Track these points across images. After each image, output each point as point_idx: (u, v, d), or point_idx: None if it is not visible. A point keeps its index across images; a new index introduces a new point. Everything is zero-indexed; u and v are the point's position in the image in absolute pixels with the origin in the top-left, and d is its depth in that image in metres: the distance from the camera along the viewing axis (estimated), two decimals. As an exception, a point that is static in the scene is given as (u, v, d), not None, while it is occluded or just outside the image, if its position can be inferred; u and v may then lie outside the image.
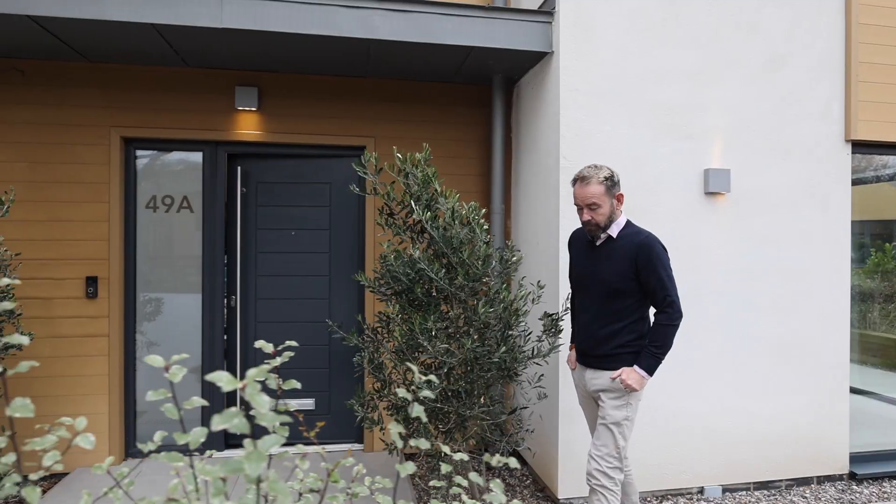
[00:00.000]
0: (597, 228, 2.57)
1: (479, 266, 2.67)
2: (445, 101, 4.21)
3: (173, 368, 0.84)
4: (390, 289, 2.95)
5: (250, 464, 0.56)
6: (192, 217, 4.06)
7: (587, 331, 2.63)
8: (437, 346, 2.56)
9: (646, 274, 2.48)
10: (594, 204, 2.53)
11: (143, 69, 3.85)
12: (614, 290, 2.54)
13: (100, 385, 3.80)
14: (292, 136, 4.03)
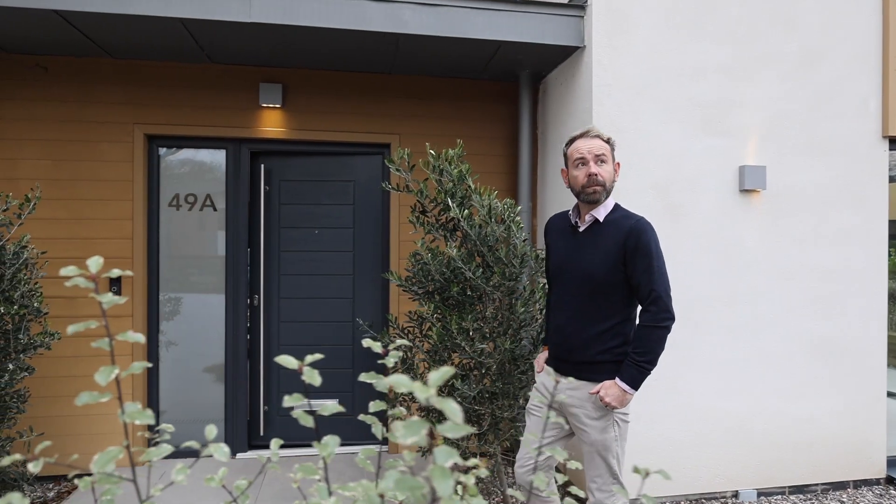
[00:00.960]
0: (601, 190, 2.15)
1: (516, 265, 2.61)
2: (471, 98, 4.15)
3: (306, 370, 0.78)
4: (423, 288, 2.89)
5: (441, 481, 0.47)
6: (215, 216, 4.01)
7: (563, 333, 2.21)
8: (475, 346, 2.50)
9: (633, 263, 2.07)
10: (602, 156, 2.16)
11: (167, 66, 3.81)
12: (599, 284, 2.12)
13: (123, 385, 3.76)
14: (316, 133, 3.98)
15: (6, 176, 3.59)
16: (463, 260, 2.56)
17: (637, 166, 3.33)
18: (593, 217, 2.19)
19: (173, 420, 3.97)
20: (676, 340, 3.35)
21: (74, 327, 0.70)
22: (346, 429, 4.15)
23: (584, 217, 2.21)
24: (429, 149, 2.86)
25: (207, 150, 3.99)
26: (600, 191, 2.16)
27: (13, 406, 2.78)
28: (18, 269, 2.76)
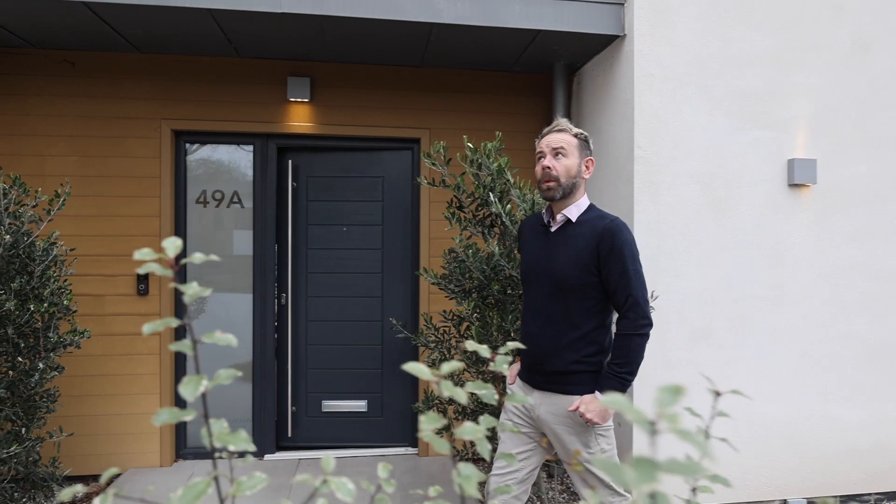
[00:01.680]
0: (555, 186, 2.02)
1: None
2: (502, 92, 4.03)
3: (444, 384, 0.67)
4: (460, 286, 2.79)
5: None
6: (242, 213, 3.94)
7: (535, 341, 2.07)
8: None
9: (608, 266, 1.94)
10: (561, 149, 2.03)
11: (194, 60, 3.75)
12: (570, 288, 1.99)
13: (151, 384, 3.71)
14: (344, 128, 3.89)
15: (35, 172, 3.55)
16: (505, 257, 2.45)
17: (680, 159, 3.19)
18: (565, 217, 2.07)
19: (200, 420, 3.91)
20: (719, 341, 3.21)
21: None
22: (375, 431, 4.06)
23: (556, 217, 2.09)
24: (466, 142, 2.75)
25: (234, 145, 3.92)
26: (554, 186, 2.03)
27: (43, 406, 2.73)
28: (48, 266, 2.71)
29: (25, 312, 2.52)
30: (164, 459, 3.71)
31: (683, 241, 3.19)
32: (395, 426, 4.05)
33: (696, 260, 3.20)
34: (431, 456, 3.93)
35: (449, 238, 3.83)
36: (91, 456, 3.63)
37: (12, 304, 2.44)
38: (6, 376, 2.51)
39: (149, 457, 3.70)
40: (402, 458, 3.94)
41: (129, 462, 3.68)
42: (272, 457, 3.90)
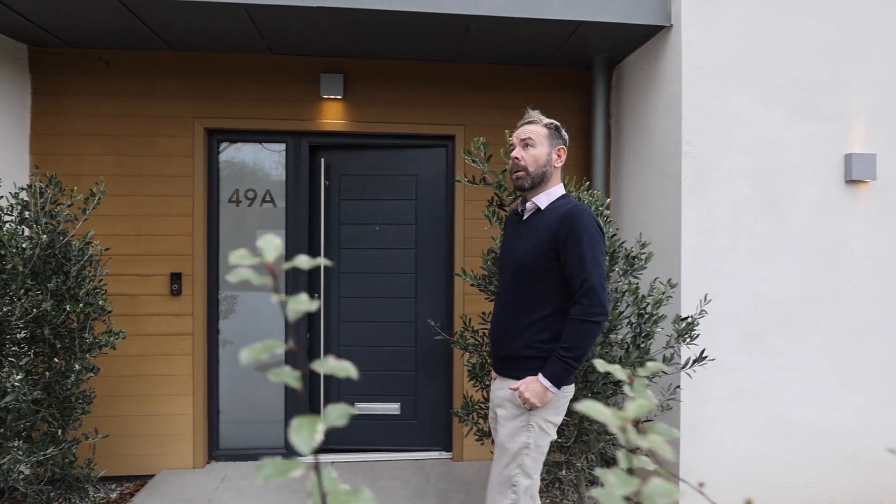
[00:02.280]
0: (524, 175, 2.06)
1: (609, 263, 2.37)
2: (539, 87, 3.92)
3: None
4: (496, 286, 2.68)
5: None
6: (274, 212, 3.89)
7: (495, 325, 2.11)
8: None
9: (566, 251, 1.92)
10: (529, 140, 2.07)
11: (226, 58, 3.71)
12: (526, 272, 2.00)
13: (184, 385, 3.68)
14: (377, 125, 3.82)
15: (70, 172, 3.54)
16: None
17: (730, 155, 3.04)
18: (535, 205, 2.10)
19: (231, 420, 3.88)
20: (771, 346, 3.05)
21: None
22: (409, 434, 3.98)
23: (527, 205, 2.13)
24: (508, 136, 2.64)
25: (267, 144, 3.87)
26: (523, 176, 2.08)
27: (78, 407, 2.70)
28: (83, 266, 2.68)
29: (61, 313, 2.49)
30: (197, 461, 3.68)
31: (733, 240, 3.04)
32: (429, 430, 3.97)
33: (746, 260, 3.05)
34: (466, 461, 3.83)
35: (487, 238, 3.73)
36: (124, 457, 3.61)
37: (49, 305, 2.41)
38: (42, 377, 2.48)
39: (182, 458, 3.67)
40: (436, 462, 3.85)
41: (162, 463, 3.66)
42: (304, 460, 3.83)
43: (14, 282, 2.37)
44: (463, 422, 2.74)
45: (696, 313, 2.56)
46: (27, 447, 2.36)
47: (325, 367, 0.52)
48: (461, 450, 3.84)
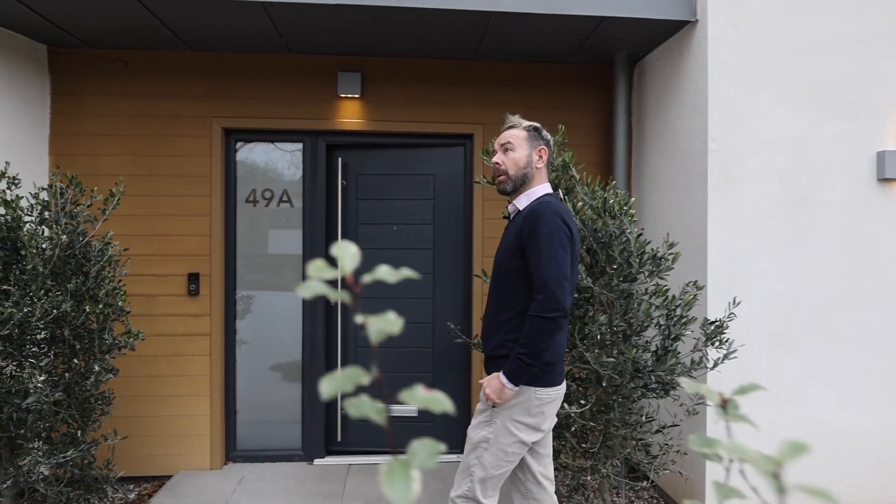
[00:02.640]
0: (505, 179, 2.08)
1: (634, 264, 2.31)
2: (558, 84, 3.86)
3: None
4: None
5: None
6: (292, 212, 3.87)
7: (482, 325, 2.16)
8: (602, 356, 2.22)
9: (528, 247, 1.92)
10: (508, 144, 2.09)
11: (244, 57, 3.69)
12: (502, 272, 2.04)
13: (202, 385, 3.66)
14: (395, 124, 3.78)
15: (88, 172, 3.54)
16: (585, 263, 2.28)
17: (758, 153, 2.97)
18: (515, 207, 2.13)
19: (248, 421, 3.86)
20: (799, 348, 2.97)
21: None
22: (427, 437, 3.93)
23: (509, 207, 2.17)
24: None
25: (284, 143, 3.85)
26: (504, 179, 2.10)
27: (98, 408, 2.69)
28: (103, 266, 2.66)
29: (81, 314, 2.47)
30: (215, 462, 3.66)
31: (761, 240, 2.96)
32: (447, 433, 3.92)
33: (774, 261, 2.97)
34: (484, 464, 3.78)
35: (504, 238, 3.68)
36: (142, 457, 3.60)
37: (69, 305, 2.39)
38: (62, 378, 2.47)
39: (199, 459, 3.66)
40: (455, 465, 3.80)
41: (180, 464, 3.65)
42: (321, 461, 3.81)
43: (34, 282, 2.36)
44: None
45: (725, 315, 2.49)
46: (47, 449, 2.34)
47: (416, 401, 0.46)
48: (479, 452, 3.79)
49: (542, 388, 1.94)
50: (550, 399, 1.97)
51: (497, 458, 1.94)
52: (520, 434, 1.94)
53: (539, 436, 1.99)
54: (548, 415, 1.98)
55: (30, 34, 3.37)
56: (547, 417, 1.98)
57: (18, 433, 2.38)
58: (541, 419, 1.96)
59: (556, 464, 2.50)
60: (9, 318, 2.24)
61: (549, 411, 1.99)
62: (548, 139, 2.15)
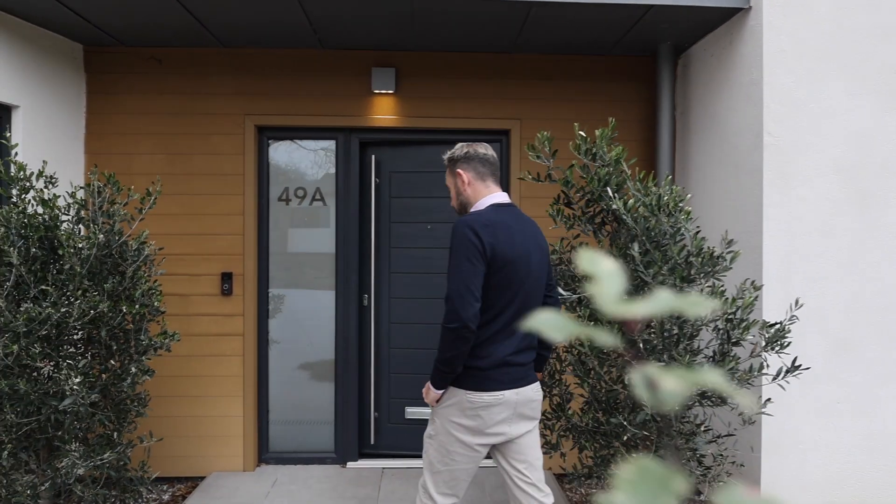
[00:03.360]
0: (456, 210, 2.25)
1: (695, 264, 2.18)
2: (599, 78, 3.72)
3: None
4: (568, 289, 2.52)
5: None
6: (324, 210, 3.81)
7: None
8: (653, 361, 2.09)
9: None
10: (447, 182, 2.26)
11: (277, 53, 3.63)
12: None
13: (235, 386, 3.62)
14: (429, 119, 3.68)
15: (123, 171, 3.51)
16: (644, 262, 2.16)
17: (818, 147, 2.80)
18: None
19: (280, 421, 3.81)
20: (865, 354, 2.80)
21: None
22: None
23: None
24: (577, 129, 2.48)
25: (317, 141, 3.79)
26: (456, 210, 2.24)
27: (133, 409, 2.66)
28: (139, 266, 2.62)
29: (118, 314, 2.44)
30: (247, 464, 3.62)
31: (822, 240, 2.79)
32: (482, 436, 3.81)
33: (836, 262, 2.80)
34: (522, 470, 3.66)
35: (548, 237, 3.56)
36: (174, 458, 3.58)
37: (105, 306, 2.35)
38: (98, 380, 2.43)
39: (231, 460, 3.62)
40: (489, 471, 3.68)
41: (212, 465, 3.61)
42: (354, 464, 3.74)
43: (72, 282, 2.33)
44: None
45: (786, 319, 2.34)
46: (84, 451, 2.31)
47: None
48: (516, 458, 3.67)
49: (473, 392, 1.99)
50: (485, 404, 1.99)
51: (440, 454, 2.05)
52: (458, 434, 2.01)
53: (485, 439, 2.02)
54: (488, 420, 2.00)
55: (67, 34, 3.37)
56: (488, 422, 2.00)
57: (56, 435, 2.35)
58: (479, 422, 1.99)
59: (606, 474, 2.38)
60: (47, 319, 2.21)
61: (489, 416, 2.00)
62: (460, 156, 2.18)
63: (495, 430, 2.02)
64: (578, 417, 2.43)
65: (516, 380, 2.04)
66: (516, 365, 2.04)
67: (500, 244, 1.97)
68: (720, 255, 2.30)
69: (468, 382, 2.00)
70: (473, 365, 1.99)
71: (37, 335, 2.20)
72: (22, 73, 3.12)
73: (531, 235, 2.10)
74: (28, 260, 2.36)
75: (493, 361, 2.00)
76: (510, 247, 1.99)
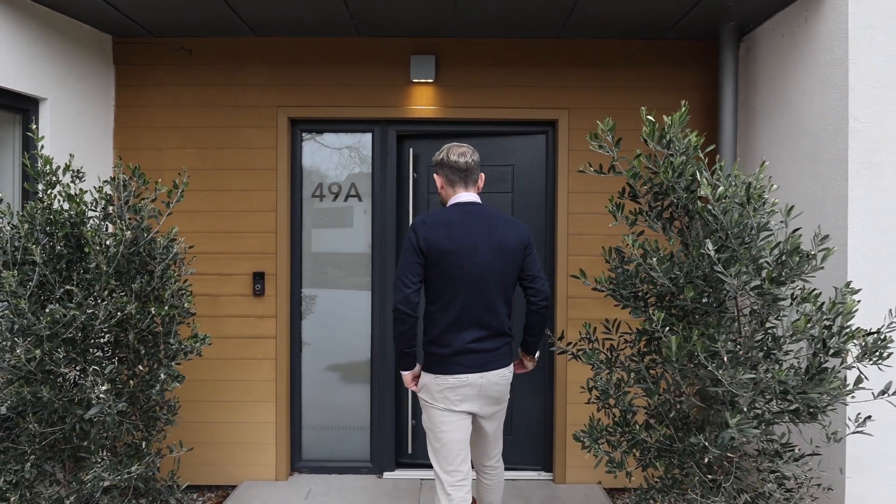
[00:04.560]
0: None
1: (792, 263, 1.93)
2: (653, 63, 3.46)
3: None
4: (633, 293, 2.28)
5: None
6: (360, 206, 3.62)
7: None
8: (739, 374, 1.85)
9: None
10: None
11: (310, 42, 3.46)
12: None
13: (266, 391, 3.46)
14: (470, 110, 3.47)
15: (152, 166, 3.39)
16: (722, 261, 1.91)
17: (910, 133, 2.50)
18: None
19: (313, 426, 3.63)
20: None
21: None
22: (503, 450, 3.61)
23: None
24: (644, 114, 2.23)
25: (352, 134, 3.61)
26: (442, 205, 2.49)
27: (163, 417, 2.50)
28: (168, 265, 2.46)
29: (146, 316, 2.27)
30: (280, 473, 3.45)
31: (915, 236, 2.50)
32: (526, 446, 3.59)
33: (932, 261, 2.50)
34: (570, 483, 3.43)
35: (598, 235, 3.33)
36: (205, 465, 3.43)
37: (133, 307, 2.19)
38: (126, 386, 2.27)
39: (263, 469, 3.45)
40: (537, 484, 3.46)
41: (243, 474, 3.45)
42: (391, 475, 3.55)
43: (98, 282, 2.17)
44: (587, 448, 2.35)
45: (884, 325, 2.06)
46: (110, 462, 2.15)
47: None
48: (563, 470, 3.44)
49: (439, 376, 2.27)
50: (449, 385, 2.26)
51: (433, 433, 2.33)
52: (434, 412, 2.31)
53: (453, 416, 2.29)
54: (454, 399, 2.27)
55: (96, 24, 3.24)
56: (451, 400, 2.28)
57: (81, 445, 2.19)
58: (447, 403, 2.28)
59: (683, 500, 2.13)
60: (72, 321, 2.05)
61: (454, 396, 2.27)
62: (436, 161, 2.43)
63: (463, 408, 2.29)
64: (647, 434, 2.19)
65: (481, 364, 2.28)
66: (481, 351, 2.28)
67: (436, 238, 2.23)
68: (810, 254, 2.04)
69: (435, 368, 2.28)
70: (437, 352, 2.28)
71: (61, 339, 2.04)
72: (50, 65, 2.99)
73: (484, 229, 2.28)
74: (53, 258, 2.21)
75: (455, 349, 2.25)
76: (448, 240, 2.22)
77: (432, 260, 2.23)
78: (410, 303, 2.22)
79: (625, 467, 2.25)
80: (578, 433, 2.42)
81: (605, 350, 2.39)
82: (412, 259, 2.24)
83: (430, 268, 2.25)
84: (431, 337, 2.30)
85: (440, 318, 2.27)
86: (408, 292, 2.22)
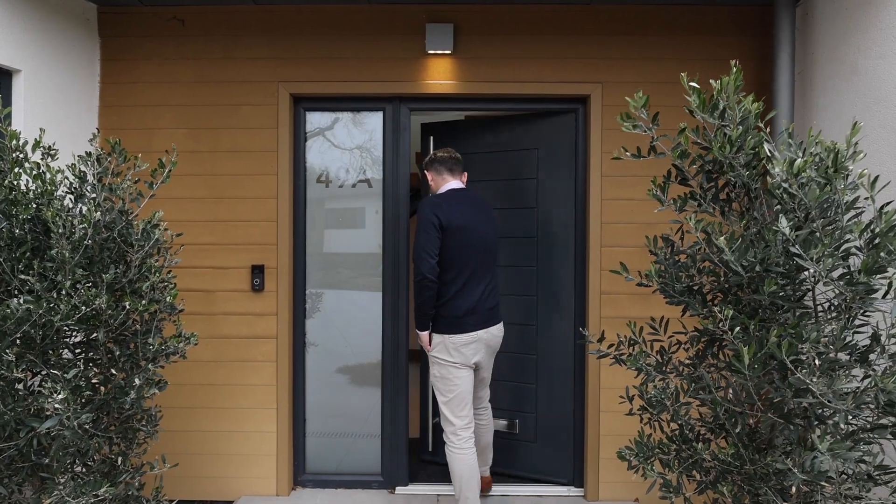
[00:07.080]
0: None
1: (892, 246, 1.56)
2: (698, 31, 3.10)
3: None
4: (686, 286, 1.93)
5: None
6: (370, 193, 3.29)
7: None
8: (836, 382, 1.49)
9: None
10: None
11: (315, 10, 3.13)
12: None
13: (266, 397, 3.13)
14: (492, 84, 3.12)
15: (141, 148, 3.02)
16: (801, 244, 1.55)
17: None
18: None
19: (318, 434, 3.30)
20: None
21: None
22: (526, 457, 3.28)
23: None
24: (685, 81, 1.87)
25: (361, 112, 3.27)
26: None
27: (142, 429, 2.17)
28: (149, 253, 2.14)
29: (120, 312, 1.95)
30: (281, 487, 3.12)
31: None
32: (553, 455, 3.24)
33: None
34: (603, 500, 3.07)
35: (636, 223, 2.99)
36: (198, 478, 3.11)
37: (104, 301, 1.87)
38: (97, 394, 1.96)
39: (263, 483, 3.13)
40: (566, 500, 3.11)
41: (241, 488, 3.13)
42: (404, 490, 3.20)
43: (61, 271, 1.85)
44: (633, 469, 1.99)
45: None
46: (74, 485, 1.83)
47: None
48: (596, 486, 3.09)
49: (453, 335, 2.63)
50: (462, 342, 2.64)
51: (445, 385, 2.67)
52: (449, 366, 2.66)
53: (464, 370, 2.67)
54: (466, 353, 2.65)
55: (77, -11, 2.94)
56: (465, 355, 2.65)
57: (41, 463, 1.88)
58: (460, 357, 2.65)
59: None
60: (26, 318, 1.73)
61: (467, 350, 2.65)
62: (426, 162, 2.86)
63: (473, 361, 2.69)
64: (709, 452, 1.83)
65: (485, 321, 2.69)
66: (484, 310, 2.69)
67: (451, 216, 2.61)
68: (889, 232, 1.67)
69: (449, 328, 2.65)
70: (451, 314, 2.64)
71: (12, 338, 1.72)
72: (25, 34, 2.69)
73: (480, 210, 2.74)
74: (11, 244, 1.90)
75: (465, 310, 2.64)
76: (459, 217, 2.63)
77: (448, 234, 2.60)
78: (435, 271, 2.58)
79: (682, 492, 1.90)
80: (623, 451, 2.06)
81: (654, 353, 2.03)
82: (434, 234, 2.58)
83: (445, 241, 2.60)
84: (444, 301, 2.64)
85: (451, 285, 2.63)
86: (433, 262, 2.58)
